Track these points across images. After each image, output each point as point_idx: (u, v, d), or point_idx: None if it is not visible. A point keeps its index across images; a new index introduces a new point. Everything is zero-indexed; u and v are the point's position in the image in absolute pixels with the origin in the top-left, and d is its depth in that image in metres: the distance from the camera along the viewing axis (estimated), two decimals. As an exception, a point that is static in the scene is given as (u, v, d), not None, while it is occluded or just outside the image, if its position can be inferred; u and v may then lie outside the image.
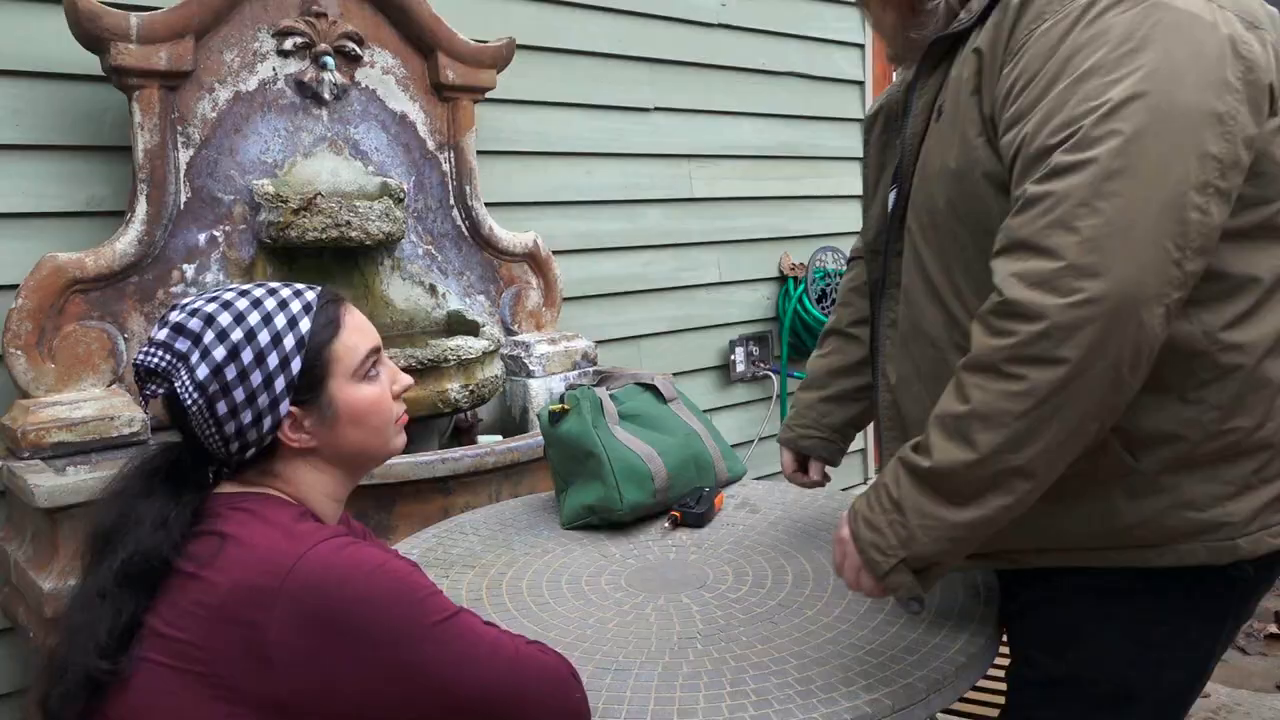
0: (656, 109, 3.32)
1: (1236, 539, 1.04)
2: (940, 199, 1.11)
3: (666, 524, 1.65)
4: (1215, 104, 0.93)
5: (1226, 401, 1.02)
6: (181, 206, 2.23)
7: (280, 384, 1.00)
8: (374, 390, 1.08)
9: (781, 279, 3.78)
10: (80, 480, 1.81)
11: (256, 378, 0.99)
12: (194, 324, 0.99)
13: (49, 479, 1.82)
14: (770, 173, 3.68)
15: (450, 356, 2.24)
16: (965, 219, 1.08)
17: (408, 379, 1.13)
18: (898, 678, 1.13)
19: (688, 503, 1.67)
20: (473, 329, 2.48)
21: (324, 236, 2.27)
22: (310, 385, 1.03)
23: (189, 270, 2.24)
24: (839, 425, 1.58)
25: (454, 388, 2.25)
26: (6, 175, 2.15)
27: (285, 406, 1.01)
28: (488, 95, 2.73)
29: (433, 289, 2.61)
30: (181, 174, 2.22)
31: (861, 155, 1.38)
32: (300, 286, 1.07)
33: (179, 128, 2.22)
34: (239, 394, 0.99)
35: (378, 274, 2.50)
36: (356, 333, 1.07)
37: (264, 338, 1.00)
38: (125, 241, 2.14)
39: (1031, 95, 0.99)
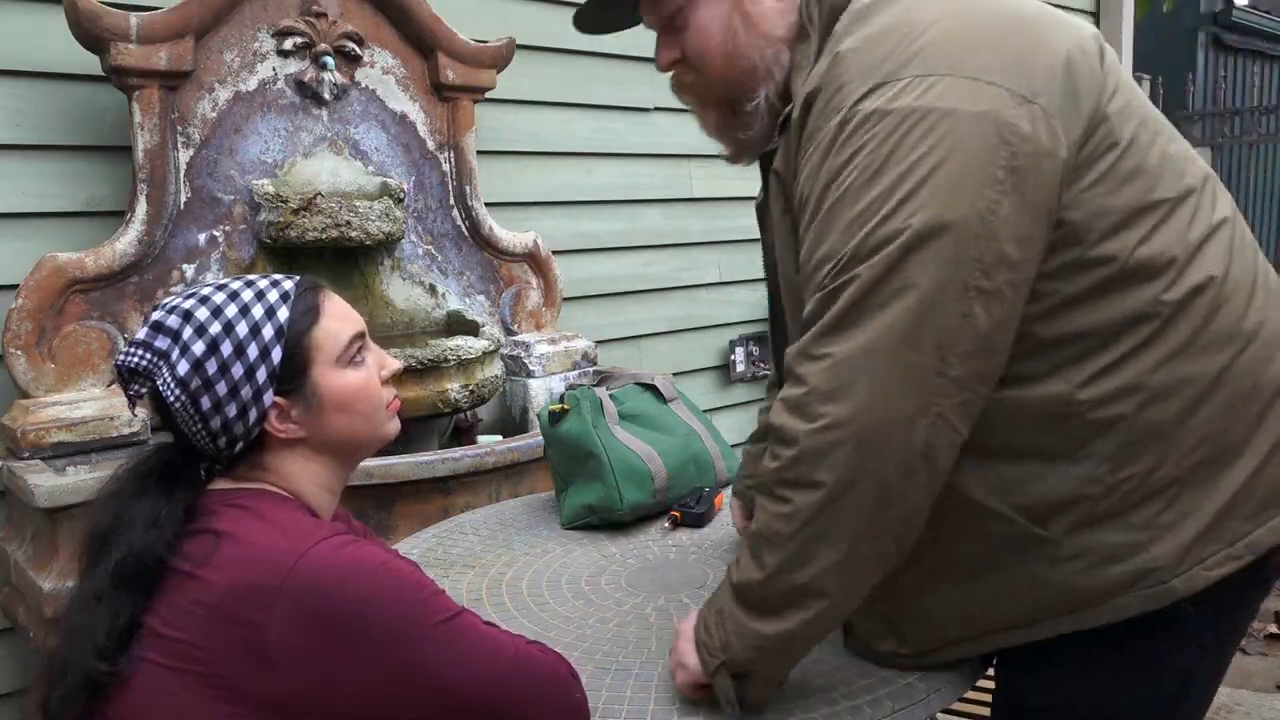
0: (656, 109, 3.32)
1: (1170, 581, 1.00)
2: (791, 314, 1.11)
3: (666, 524, 1.65)
4: (972, 205, 0.91)
5: (1113, 453, 0.99)
6: (181, 206, 2.23)
7: (262, 375, 0.99)
8: (359, 376, 1.06)
9: (781, 279, 3.78)
10: (80, 480, 1.81)
11: (237, 370, 0.98)
12: (172, 321, 0.99)
13: (49, 479, 1.82)
14: (770, 173, 3.67)
15: (450, 356, 2.24)
16: None
17: (396, 363, 1.12)
18: (897, 677, 1.13)
19: (688, 503, 1.67)
20: (473, 329, 2.48)
21: (324, 236, 2.27)
22: (293, 374, 1.02)
23: (189, 270, 2.24)
24: None
25: (454, 388, 2.25)
26: (6, 175, 2.15)
27: (269, 397, 1.00)
28: (488, 95, 2.73)
29: (433, 289, 2.61)
30: (181, 174, 2.23)
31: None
32: (278, 276, 1.06)
33: (179, 128, 2.22)
34: (221, 388, 0.98)
35: (378, 274, 2.50)
36: (337, 319, 1.06)
37: (242, 329, 0.99)
38: (125, 241, 2.14)
39: (804, 222, 1.00)
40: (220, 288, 1.02)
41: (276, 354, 1.00)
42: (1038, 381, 0.99)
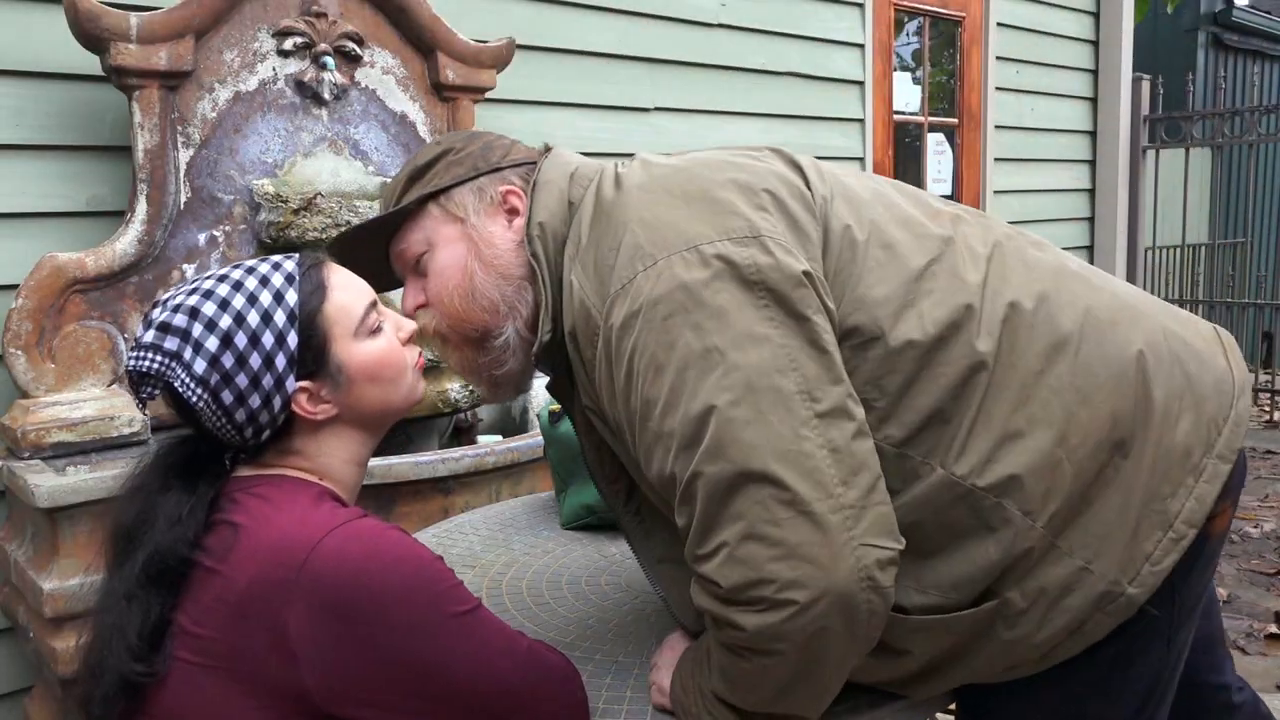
0: (656, 109, 3.32)
1: (1126, 591, 0.98)
2: (651, 489, 1.10)
3: (666, 524, 1.65)
4: (759, 352, 0.91)
5: (1025, 507, 0.97)
6: (181, 206, 2.23)
7: (281, 361, 0.98)
8: (381, 344, 1.06)
9: (781, 279, 3.78)
10: (80, 480, 1.81)
11: (255, 360, 0.97)
12: (179, 320, 0.97)
13: (49, 479, 1.82)
14: (770, 173, 3.67)
15: (450, 356, 2.24)
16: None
17: (412, 324, 1.12)
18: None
19: (688, 503, 1.67)
20: (473, 329, 2.48)
21: (324, 236, 2.27)
22: (315, 356, 1.01)
23: (189, 270, 2.24)
24: None
25: (454, 388, 2.25)
26: (7, 175, 2.15)
27: (292, 383, 0.99)
28: (487, 95, 2.73)
29: (433, 289, 2.60)
30: (181, 174, 2.23)
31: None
32: (278, 259, 1.04)
33: (179, 128, 2.22)
34: (242, 380, 0.97)
35: (378, 274, 2.50)
36: (346, 291, 1.05)
37: (254, 319, 0.98)
38: (125, 241, 2.14)
39: (631, 443, 1.01)
40: (222, 279, 1.00)
41: (292, 339, 0.99)
42: (917, 479, 0.98)
